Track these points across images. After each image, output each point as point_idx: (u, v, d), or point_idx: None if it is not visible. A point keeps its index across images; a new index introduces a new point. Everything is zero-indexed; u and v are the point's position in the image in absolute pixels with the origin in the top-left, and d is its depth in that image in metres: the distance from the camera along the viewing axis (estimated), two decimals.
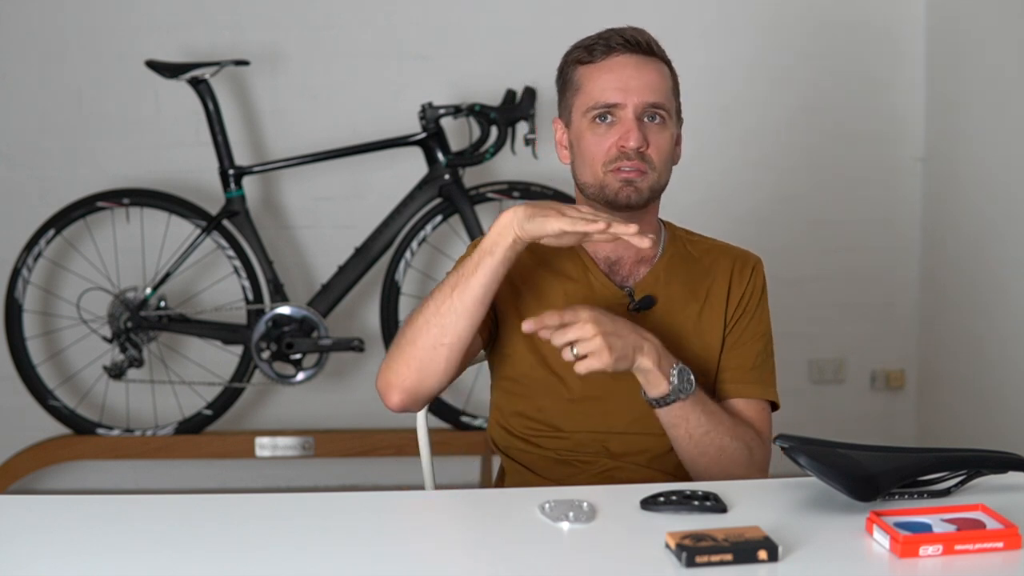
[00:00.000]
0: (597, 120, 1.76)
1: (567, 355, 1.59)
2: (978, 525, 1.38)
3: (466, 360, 1.75)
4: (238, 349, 3.46)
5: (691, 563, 1.29)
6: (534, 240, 1.62)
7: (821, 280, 3.73)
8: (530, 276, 1.83)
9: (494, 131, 3.34)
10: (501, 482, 1.89)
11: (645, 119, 1.75)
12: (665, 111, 1.76)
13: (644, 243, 1.59)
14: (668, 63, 1.81)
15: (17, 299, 3.41)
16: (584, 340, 1.58)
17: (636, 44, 1.76)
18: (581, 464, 1.80)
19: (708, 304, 1.83)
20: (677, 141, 1.83)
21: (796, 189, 3.70)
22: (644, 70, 1.76)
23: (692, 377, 1.67)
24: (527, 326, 1.60)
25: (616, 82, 1.75)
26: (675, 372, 1.65)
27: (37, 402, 3.46)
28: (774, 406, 1.84)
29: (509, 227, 1.63)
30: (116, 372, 3.38)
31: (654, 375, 1.64)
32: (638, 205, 1.77)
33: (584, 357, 1.59)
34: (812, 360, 3.76)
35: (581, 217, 1.59)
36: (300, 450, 3.50)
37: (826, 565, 1.33)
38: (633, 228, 1.58)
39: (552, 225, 1.59)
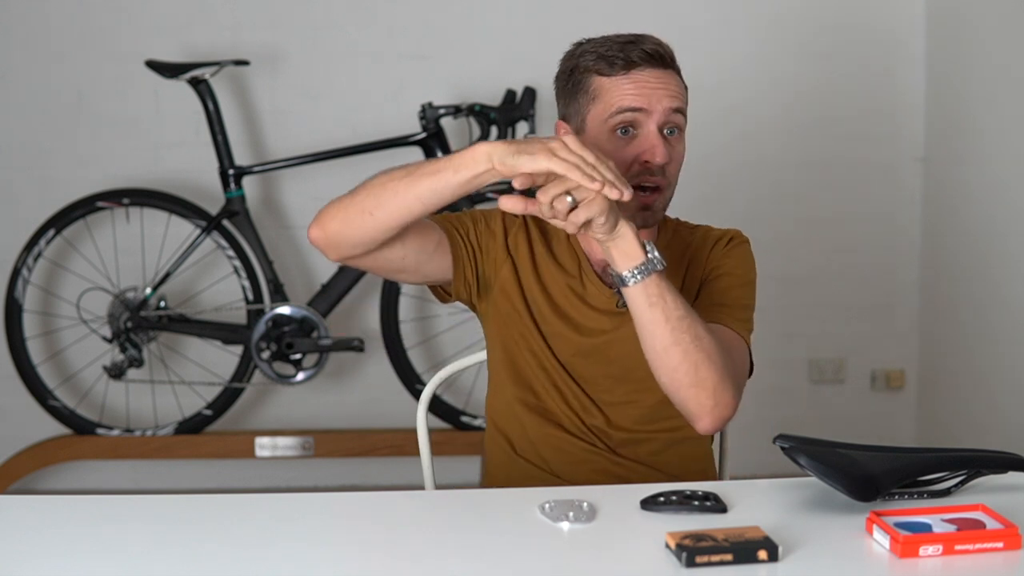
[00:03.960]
0: (618, 133, 1.72)
1: (564, 203, 1.51)
2: (978, 525, 1.38)
3: (418, 255, 1.72)
4: (238, 349, 3.46)
5: (691, 563, 1.29)
6: (511, 176, 1.52)
7: (821, 280, 3.73)
8: (538, 261, 1.83)
9: (494, 131, 3.34)
10: (490, 479, 1.88)
11: (664, 132, 1.72)
12: (684, 118, 1.74)
13: (626, 196, 1.52)
14: (680, 73, 1.78)
15: (17, 299, 3.41)
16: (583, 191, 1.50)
17: (659, 58, 1.73)
18: (579, 453, 1.80)
19: (687, 284, 1.82)
20: None
21: (796, 189, 3.70)
22: (665, 80, 1.72)
23: (660, 254, 1.61)
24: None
25: (641, 88, 1.71)
26: (649, 244, 1.59)
27: (37, 402, 3.46)
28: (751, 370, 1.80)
29: (486, 157, 1.53)
30: (116, 372, 3.38)
31: (631, 243, 1.57)
32: (651, 227, 1.77)
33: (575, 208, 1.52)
34: (812, 360, 3.76)
35: (575, 164, 1.49)
36: (300, 450, 3.50)
37: (826, 565, 1.33)
38: (628, 194, 1.50)
39: (540, 163, 1.48)
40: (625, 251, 1.58)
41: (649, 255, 1.58)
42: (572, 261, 1.83)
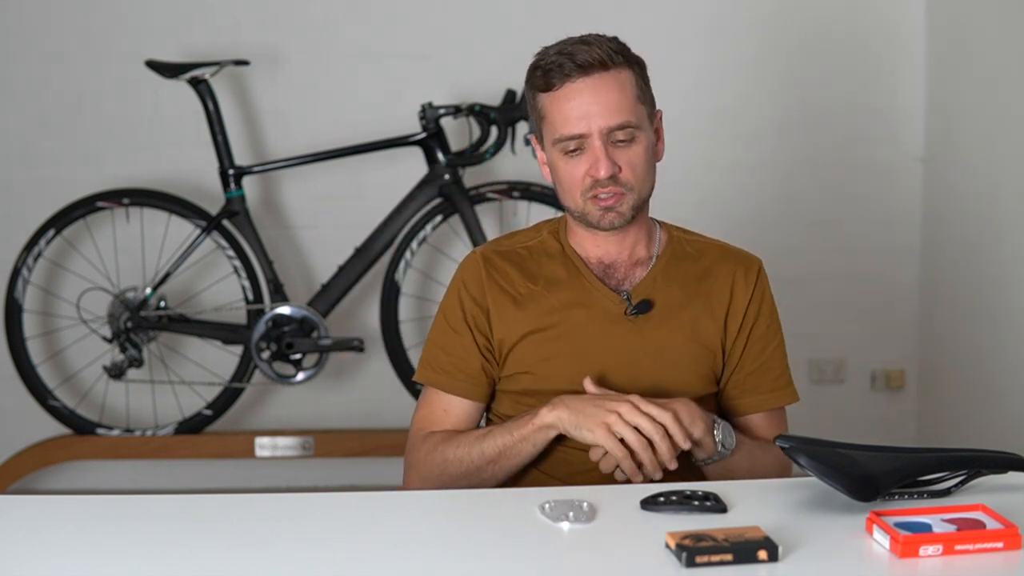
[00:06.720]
0: (568, 153, 1.74)
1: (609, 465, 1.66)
2: (978, 525, 1.38)
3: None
4: (238, 349, 3.46)
5: (691, 563, 1.29)
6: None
7: (821, 280, 3.73)
8: (519, 290, 1.83)
9: (494, 131, 3.34)
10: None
11: (612, 142, 1.72)
12: (632, 127, 1.73)
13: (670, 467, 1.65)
14: (630, 63, 1.75)
15: (17, 299, 3.41)
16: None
17: (592, 66, 1.71)
18: (581, 464, 1.80)
19: (707, 307, 1.82)
20: (658, 137, 1.81)
21: (796, 189, 3.70)
22: (602, 91, 1.71)
23: (733, 432, 1.73)
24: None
25: (576, 110, 1.71)
26: (719, 429, 1.70)
27: (37, 402, 3.46)
28: None
29: (555, 423, 1.68)
30: (116, 372, 3.38)
31: (704, 443, 1.70)
32: (622, 226, 1.78)
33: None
34: (812, 360, 3.76)
35: (624, 454, 1.62)
36: (300, 450, 3.50)
37: (826, 565, 1.33)
38: (672, 466, 1.64)
39: (596, 440, 1.64)
40: (699, 447, 1.70)
41: (718, 440, 1.70)
42: (568, 270, 1.83)
